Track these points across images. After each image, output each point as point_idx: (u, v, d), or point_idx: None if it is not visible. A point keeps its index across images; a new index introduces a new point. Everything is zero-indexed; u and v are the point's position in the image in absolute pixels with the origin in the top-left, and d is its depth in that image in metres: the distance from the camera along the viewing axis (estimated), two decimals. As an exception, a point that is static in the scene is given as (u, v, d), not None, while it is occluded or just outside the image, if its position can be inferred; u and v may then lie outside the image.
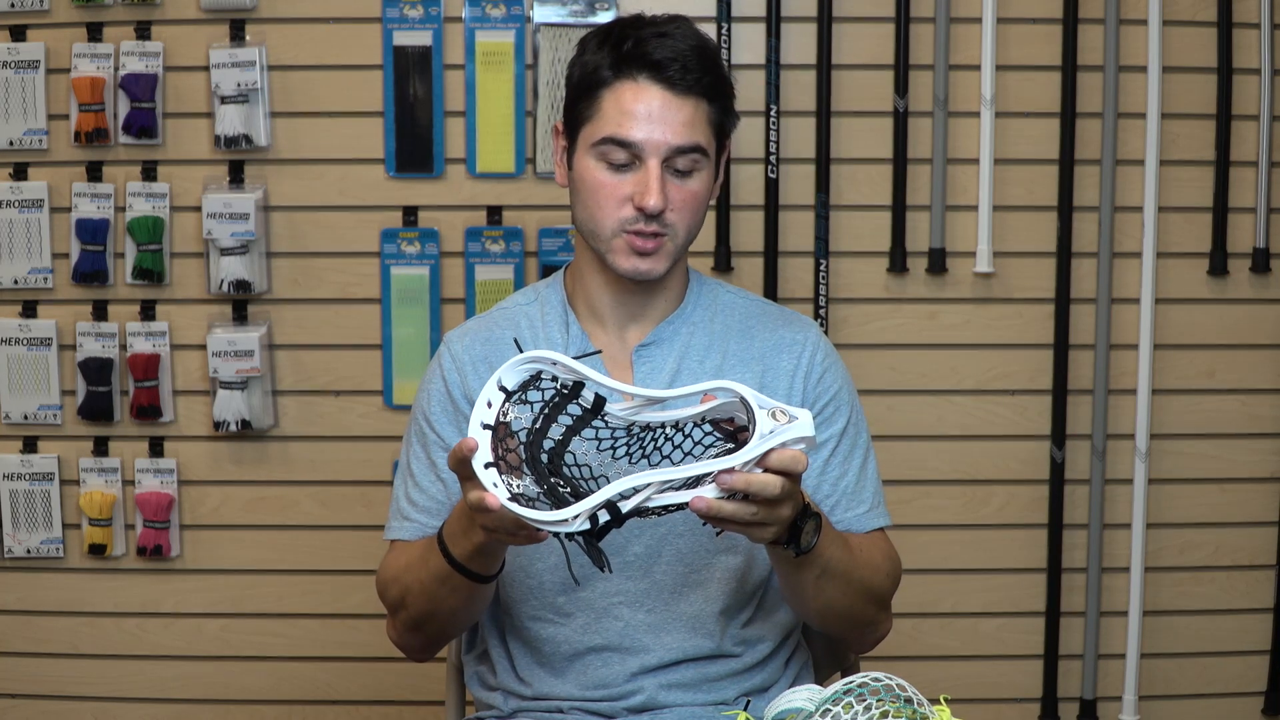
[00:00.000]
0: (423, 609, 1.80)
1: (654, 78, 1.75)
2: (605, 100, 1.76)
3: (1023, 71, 2.87)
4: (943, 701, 1.44)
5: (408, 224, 2.87)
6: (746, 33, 2.86)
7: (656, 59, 1.75)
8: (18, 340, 2.89)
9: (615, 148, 1.75)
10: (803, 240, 2.89)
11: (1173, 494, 2.96)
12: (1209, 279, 2.92)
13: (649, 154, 1.75)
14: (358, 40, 2.86)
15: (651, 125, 1.74)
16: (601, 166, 1.77)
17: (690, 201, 1.78)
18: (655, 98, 1.75)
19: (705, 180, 1.80)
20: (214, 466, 2.93)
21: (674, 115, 1.75)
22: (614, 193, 1.76)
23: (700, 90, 1.76)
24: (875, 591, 1.82)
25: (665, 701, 1.82)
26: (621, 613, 1.82)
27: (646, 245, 1.77)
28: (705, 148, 1.77)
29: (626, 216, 1.76)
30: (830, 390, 1.87)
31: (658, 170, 1.75)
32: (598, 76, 1.77)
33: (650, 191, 1.74)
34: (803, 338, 1.89)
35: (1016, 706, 2.99)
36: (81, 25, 2.83)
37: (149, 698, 2.98)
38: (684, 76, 1.75)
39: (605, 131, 1.76)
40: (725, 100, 1.81)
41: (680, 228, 1.78)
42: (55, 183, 2.87)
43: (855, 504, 1.86)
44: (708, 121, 1.78)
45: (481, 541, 1.65)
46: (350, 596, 2.95)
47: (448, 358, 1.88)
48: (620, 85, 1.76)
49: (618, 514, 1.48)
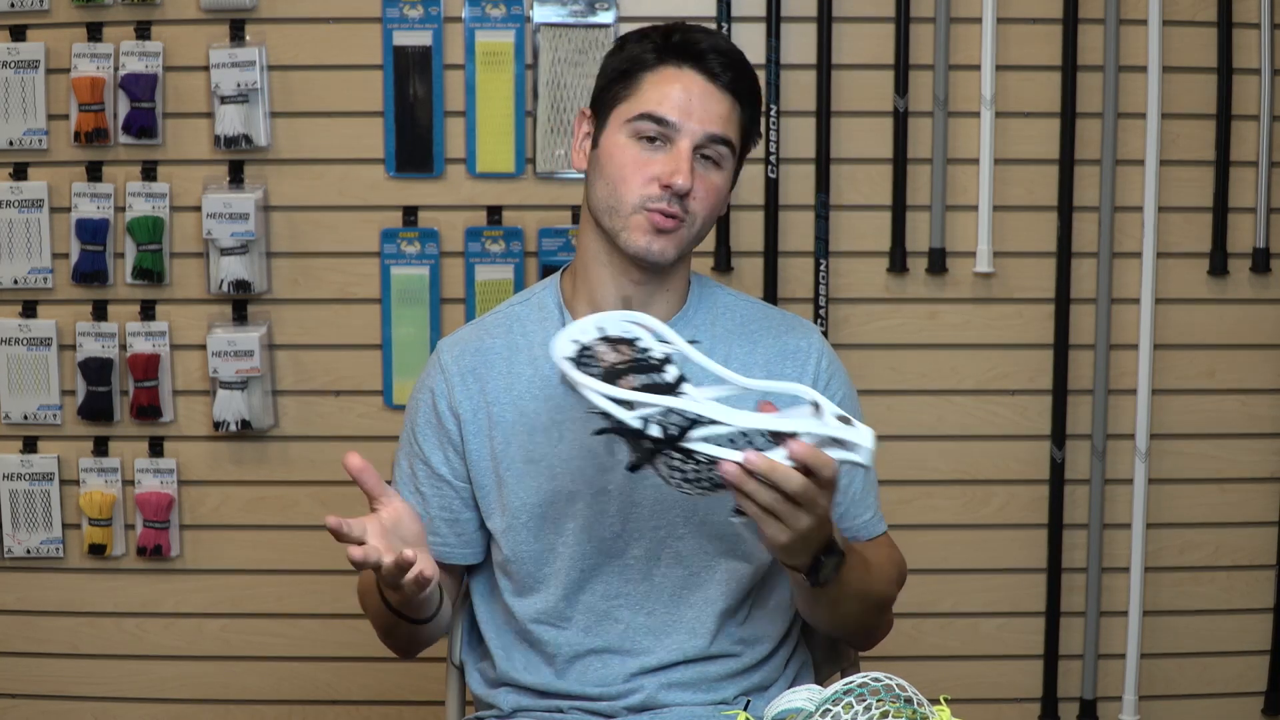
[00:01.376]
0: (380, 628, 1.89)
1: (697, 67, 1.79)
2: (646, 81, 1.79)
3: (1023, 71, 2.87)
4: (943, 701, 1.44)
5: (408, 224, 2.87)
6: (746, 33, 2.86)
7: (703, 48, 1.79)
8: (18, 340, 2.89)
9: (651, 123, 1.77)
10: (803, 240, 2.89)
11: (1173, 494, 2.96)
12: (1209, 279, 2.92)
13: (683, 136, 1.77)
14: (358, 40, 2.86)
15: (690, 108, 1.77)
16: (633, 143, 1.79)
17: (711, 194, 1.80)
18: (696, 84, 1.78)
19: (725, 178, 1.82)
20: (214, 466, 2.93)
21: (713, 105, 1.78)
22: (642, 169, 1.78)
23: (737, 90, 1.81)
24: (886, 601, 1.86)
25: (665, 701, 1.82)
26: (622, 615, 1.82)
27: (667, 223, 1.77)
28: (732, 143, 1.81)
29: (651, 194, 1.77)
30: (836, 397, 1.88)
31: (688, 152, 1.77)
32: (640, 61, 1.80)
33: (680, 171, 1.76)
34: (807, 344, 1.90)
35: (1016, 706, 2.99)
36: (81, 25, 2.83)
37: (149, 698, 2.98)
38: (725, 72, 1.79)
39: (643, 108, 1.78)
40: (755, 110, 1.85)
41: (699, 217, 1.80)
42: (55, 183, 2.87)
43: (862, 509, 1.88)
44: (738, 122, 1.82)
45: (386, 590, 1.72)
46: (350, 596, 2.91)
47: (437, 369, 1.89)
48: (663, 69, 1.79)
49: (667, 435, 1.47)
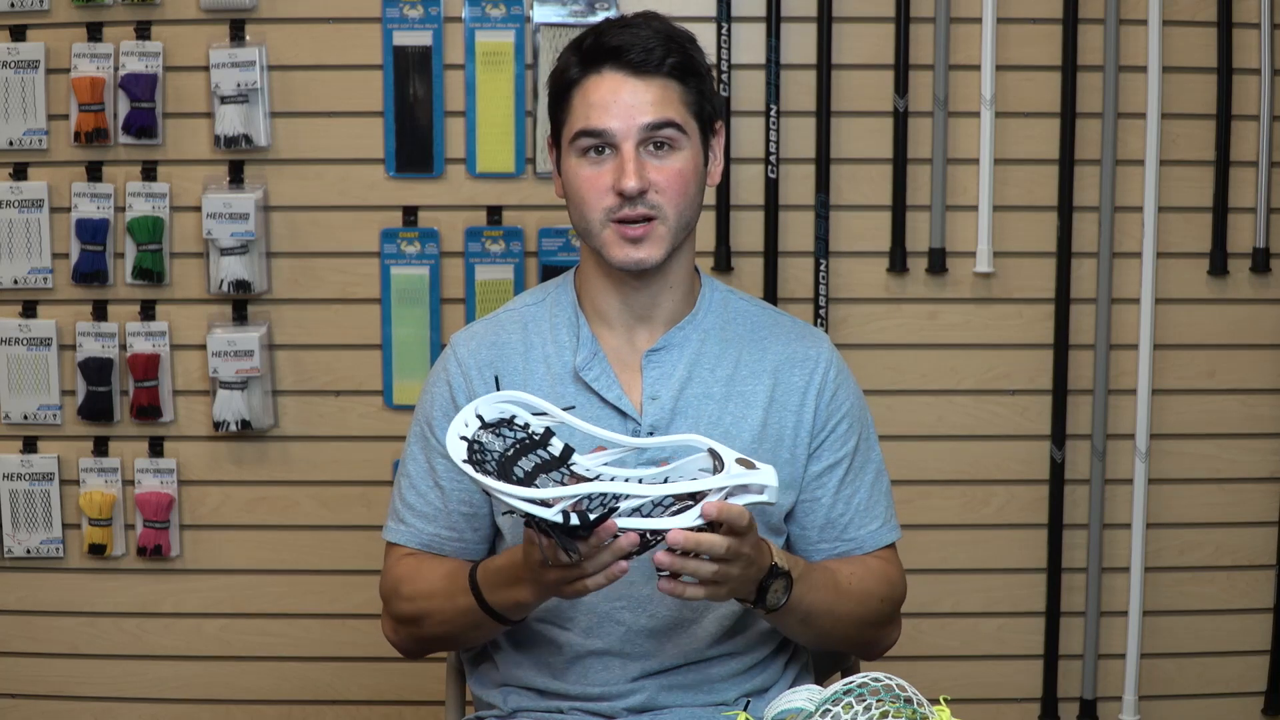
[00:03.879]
0: (441, 633, 1.84)
1: (615, 65, 1.76)
2: (575, 98, 1.78)
3: (1023, 71, 2.87)
4: (943, 701, 1.44)
5: (408, 224, 2.87)
6: (746, 33, 2.86)
7: (614, 45, 1.76)
8: (18, 340, 2.89)
9: (588, 138, 1.76)
10: (803, 240, 2.89)
11: (1173, 494, 2.96)
12: (1209, 279, 2.92)
13: (621, 138, 1.75)
14: (358, 40, 2.86)
15: (619, 109, 1.75)
16: (582, 162, 1.78)
17: (675, 180, 1.77)
18: (618, 83, 1.76)
19: (688, 159, 1.79)
20: (214, 466, 2.93)
21: (639, 96, 1.76)
22: (595, 184, 1.77)
23: (666, 71, 1.77)
24: (869, 620, 1.85)
25: (665, 703, 1.82)
26: (623, 617, 1.82)
27: (635, 231, 1.77)
28: (679, 123, 1.77)
29: (610, 205, 1.77)
30: (843, 408, 1.88)
31: (632, 153, 1.75)
32: (566, 79, 1.79)
33: (626, 174, 1.75)
34: (816, 353, 1.89)
35: (1016, 706, 2.99)
36: (81, 25, 2.83)
37: (149, 698, 2.98)
38: (646, 58, 1.76)
39: (577, 126, 1.77)
40: (700, 82, 1.80)
41: (669, 209, 1.78)
42: (55, 183, 2.87)
43: (868, 520, 1.88)
44: (680, 101, 1.78)
45: (526, 600, 1.69)
46: (350, 596, 2.95)
47: (453, 362, 1.88)
48: (586, 80, 1.77)
49: (585, 521, 1.51)
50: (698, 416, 1.82)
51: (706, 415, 1.83)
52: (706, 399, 1.83)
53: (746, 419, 1.83)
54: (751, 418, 1.84)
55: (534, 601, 1.70)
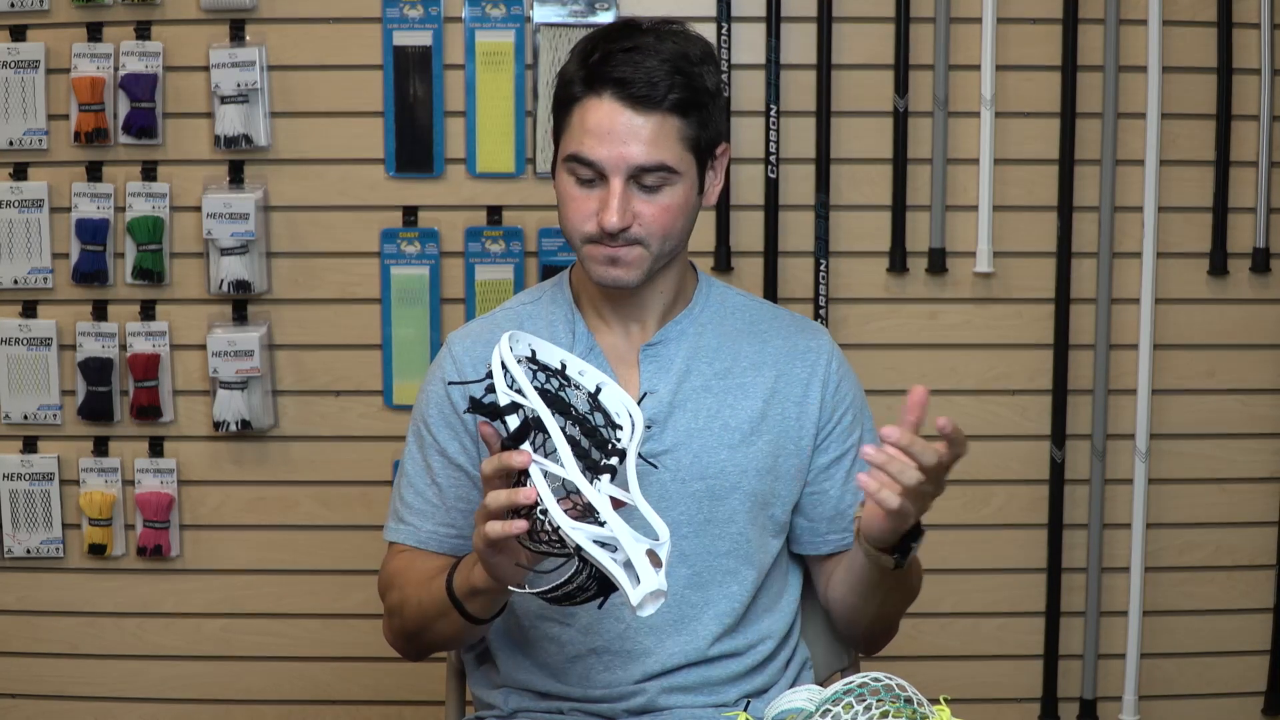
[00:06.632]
0: (415, 624, 1.82)
1: (617, 95, 1.72)
2: (574, 115, 1.75)
3: (1023, 71, 2.87)
4: (943, 701, 1.45)
5: (408, 224, 2.87)
6: (746, 33, 2.86)
7: (618, 76, 1.72)
8: (18, 340, 2.89)
9: (580, 165, 1.75)
10: (803, 240, 2.89)
11: (1173, 494, 2.96)
12: (1209, 279, 2.92)
13: (611, 173, 1.73)
14: (358, 40, 2.86)
15: (613, 144, 1.72)
16: (571, 180, 1.76)
17: (661, 215, 1.75)
18: (617, 115, 1.72)
19: (679, 195, 1.76)
20: (214, 466, 2.93)
21: (637, 133, 1.72)
22: (580, 207, 1.76)
23: (668, 106, 1.72)
24: (909, 602, 1.93)
25: (665, 704, 1.82)
26: (623, 614, 1.82)
27: (614, 253, 1.76)
28: (672, 165, 1.74)
29: (590, 231, 1.75)
30: (847, 399, 1.90)
31: (620, 189, 1.73)
32: (570, 91, 1.76)
33: (610, 210, 1.73)
34: (818, 345, 1.90)
35: (1016, 706, 2.99)
36: (81, 25, 2.83)
37: (149, 698, 2.98)
38: (650, 93, 1.71)
39: (571, 148, 1.75)
40: (703, 112, 1.76)
41: (653, 240, 1.76)
42: (55, 183, 2.87)
43: None
44: (678, 138, 1.74)
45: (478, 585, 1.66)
46: (350, 596, 2.95)
47: (449, 360, 1.88)
48: (586, 101, 1.74)
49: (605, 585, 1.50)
50: (696, 409, 1.83)
51: (705, 408, 1.83)
52: (704, 391, 1.84)
53: (745, 411, 1.84)
54: (750, 409, 1.84)
55: (482, 585, 1.66)
